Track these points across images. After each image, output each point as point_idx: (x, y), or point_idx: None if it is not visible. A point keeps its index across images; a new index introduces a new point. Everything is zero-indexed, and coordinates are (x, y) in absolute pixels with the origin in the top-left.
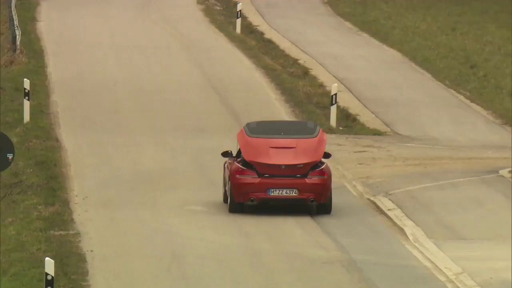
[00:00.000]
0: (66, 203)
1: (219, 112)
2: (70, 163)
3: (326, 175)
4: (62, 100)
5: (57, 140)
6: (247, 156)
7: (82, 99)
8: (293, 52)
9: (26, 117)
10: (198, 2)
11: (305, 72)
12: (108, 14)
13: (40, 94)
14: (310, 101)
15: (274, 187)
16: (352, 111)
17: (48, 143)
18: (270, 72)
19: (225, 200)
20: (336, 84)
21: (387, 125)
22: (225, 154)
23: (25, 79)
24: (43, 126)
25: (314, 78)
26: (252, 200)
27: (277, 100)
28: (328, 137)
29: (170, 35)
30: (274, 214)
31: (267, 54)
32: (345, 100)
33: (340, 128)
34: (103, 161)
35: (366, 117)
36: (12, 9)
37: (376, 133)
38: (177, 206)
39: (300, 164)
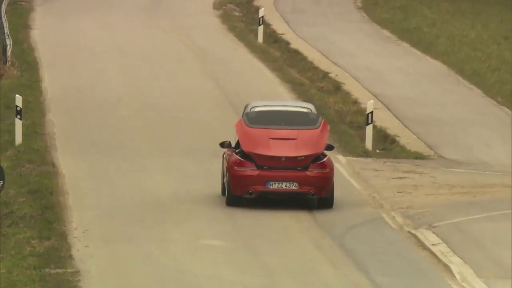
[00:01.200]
0: (63, 237)
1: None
2: (68, 191)
3: (328, 168)
4: (59, 119)
5: (53, 164)
6: (245, 147)
7: (82, 117)
8: (323, 64)
9: (18, 138)
10: (214, 7)
11: (337, 87)
12: (112, 21)
13: (34, 112)
14: (343, 120)
15: (273, 180)
16: (391, 131)
17: (43, 168)
18: (296, 87)
19: (223, 193)
20: (372, 101)
21: (430, 147)
22: (224, 144)
23: (17, 95)
24: (38, 148)
25: (347, 94)
26: (250, 193)
27: None
28: (364, 162)
29: (181, 44)
30: (300, 250)
31: (293, 66)
32: (383, 119)
33: (377, 151)
34: (106, 188)
35: (406, 139)
36: (2, 15)
37: (418, 156)
38: (189, 240)
39: (301, 156)
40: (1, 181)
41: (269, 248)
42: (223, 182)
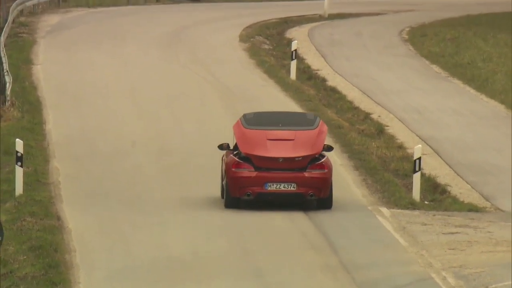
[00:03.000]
0: None
1: None
2: (75, 248)
3: (326, 169)
4: (65, 166)
5: (58, 218)
6: (243, 149)
7: (91, 165)
8: (364, 103)
9: (19, 188)
10: (240, 40)
11: (380, 129)
12: (125, 55)
13: (36, 159)
14: (386, 167)
15: (271, 181)
16: (441, 180)
17: (46, 222)
18: (334, 130)
19: (222, 195)
20: (420, 146)
21: (486, 199)
22: (222, 147)
23: (17, 139)
24: (41, 200)
25: (391, 137)
26: (248, 195)
27: (343, 166)
28: (410, 215)
29: (204, 81)
30: None
31: (330, 106)
32: (432, 166)
33: (426, 202)
34: (117, 245)
35: (459, 189)
36: (1, 49)
37: (472, 209)
38: None
39: (299, 157)
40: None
41: None
42: (222, 185)
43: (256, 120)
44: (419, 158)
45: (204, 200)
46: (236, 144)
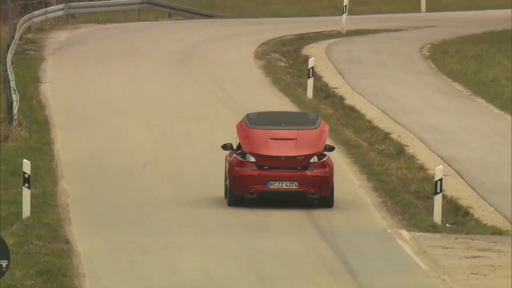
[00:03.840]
0: None
1: (282, 205)
2: (84, 273)
3: (327, 167)
4: (74, 188)
5: (66, 241)
6: (246, 148)
7: (101, 186)
8: (384, 123)
9: (26, 210)
10: (256, 57)
11: (400, 150)
12: (136, 73)
13: (44, 180)
14: (407, 189)
15: (273, 180)
16: (463, 202)
17: (54, 246)
18: (352, 150)
19: (226, 195)
20: (441, 167)
21: (510, 221)
22: (226, 147)
23: (24, 160)
24: (49, 222)
25: (411, 158)
26: (251, 193)
27: (362, 188)
28: (431, 238)
29: (218, 100)
30: None
31: (349, 125)
32: (454, 187)
33: (447, 225)
34: (128, 269)
35: (482, 211)
36: (8, 67)
37: (496, 232)
38: None
39: (301, 156)
40: (6, 261)
41: None
42: (226, 185)
43: (259, 120)
44: (441, 179)
45: (217, 223)
46: (239, 144)
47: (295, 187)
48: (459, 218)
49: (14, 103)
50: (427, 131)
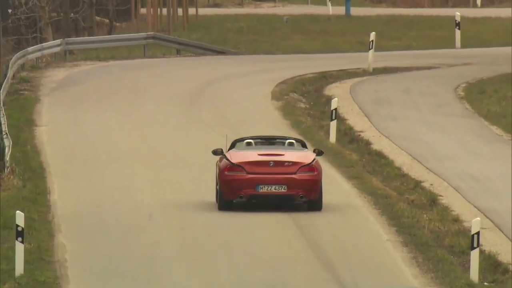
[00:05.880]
0: None
1: (304, 262)
2: None
3: (316, 171)
4: (72, 242)
5: None
6: (235, 160)
7: (101, 241)
8: (414, 170)
9: (19, 267)
10: (273, 97)
11: (433, 200)
12: (141, 115)
13: (40, 234)
14: (440, 243)
15: (263, 183)
16: (503, 258)
17: None
18: (379, 200)
19: (217, 199)
20: (478, 219)
21: None
22: (216, 152)
23: (17, 211)
24: (44, 280)
25: (445, 209)
26: (241, 197)
27: (391, 242)
28: None
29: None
30: None
31: (376, 173)
32: (492, 242)
33: (485, 283)
34: None
35: None
36: None
37: None
38: None
39: (289, 162)
40: None
41: None
42: (217, 190)
43: (247, 145)
44: (478, 233)
45: (231, 282)
46: (229, 148)
47: (284, 190)
48: (498, 276)
49: (7, 149)
50: (462, 180)
